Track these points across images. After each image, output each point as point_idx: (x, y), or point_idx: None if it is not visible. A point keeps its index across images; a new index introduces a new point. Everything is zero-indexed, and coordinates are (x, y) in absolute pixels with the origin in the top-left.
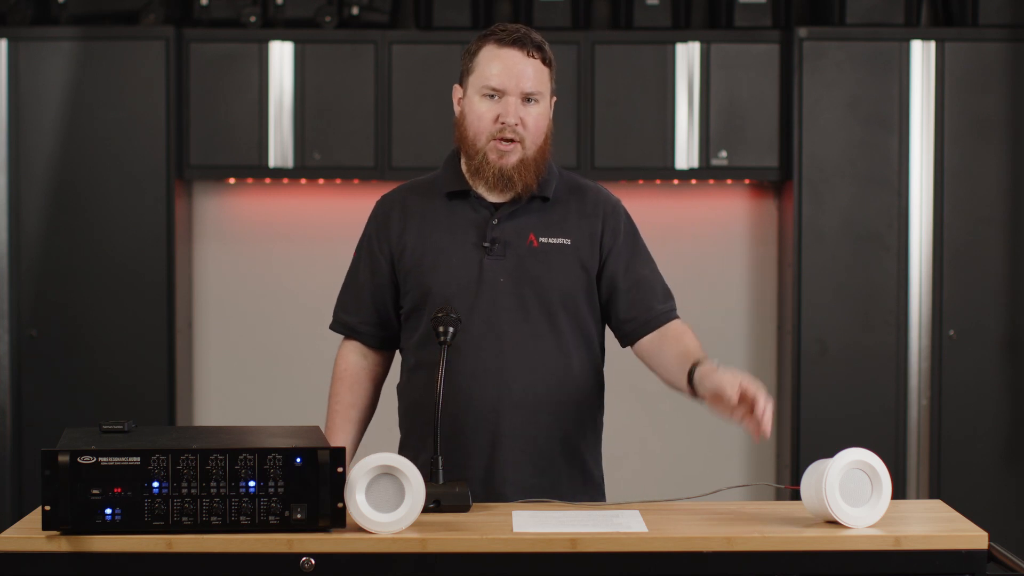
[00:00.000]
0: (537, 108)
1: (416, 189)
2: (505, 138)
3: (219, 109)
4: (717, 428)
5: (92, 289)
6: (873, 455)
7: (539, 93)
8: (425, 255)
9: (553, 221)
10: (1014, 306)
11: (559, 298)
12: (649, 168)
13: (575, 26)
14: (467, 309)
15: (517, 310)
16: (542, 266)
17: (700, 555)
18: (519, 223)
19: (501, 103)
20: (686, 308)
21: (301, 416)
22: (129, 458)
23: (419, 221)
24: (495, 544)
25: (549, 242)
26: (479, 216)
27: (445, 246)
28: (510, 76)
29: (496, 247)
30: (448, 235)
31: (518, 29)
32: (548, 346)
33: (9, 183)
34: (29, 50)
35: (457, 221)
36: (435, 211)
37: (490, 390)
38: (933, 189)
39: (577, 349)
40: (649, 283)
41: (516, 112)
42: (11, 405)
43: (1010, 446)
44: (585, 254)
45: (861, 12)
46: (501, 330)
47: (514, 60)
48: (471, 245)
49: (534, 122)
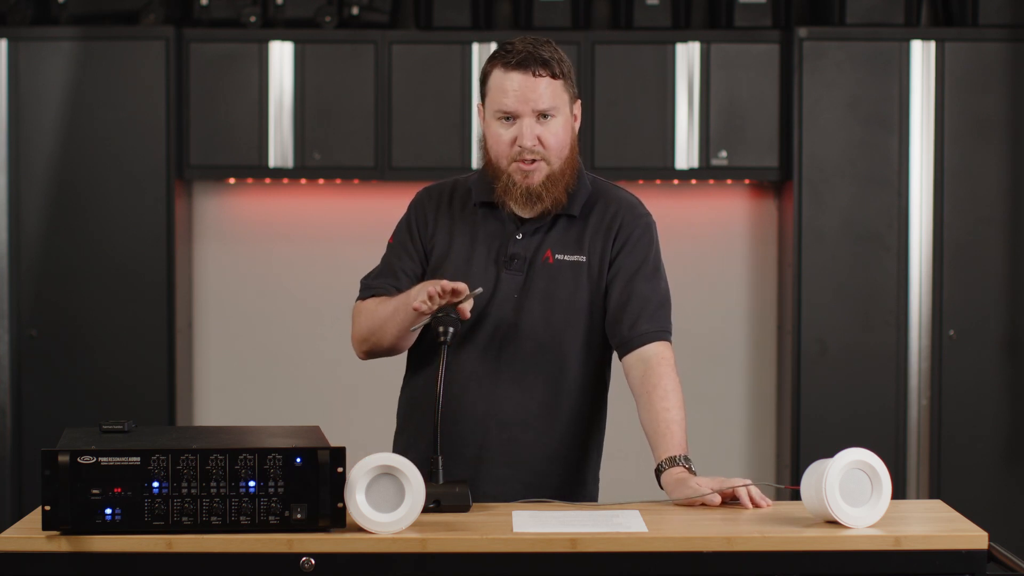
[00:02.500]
0: (555, 123)
1: (457, 190)
2: (526, 160)
3: (219, 109)
4: (717, 428)
5: (92, 289)
6: (873, 455)
7: (553, 108)
8: (447, 260)
9: (572, 238)
10: (1014, 306)
11: (567, 316)
12: (649, 168)
13: (575, 26)
14: (477, 324)
15: (523, 325)
16: (554, 283)
17: (700, 555)
18: (540, 239)
19: (516, 126)
20: (686, 308)
21: (301, 416)
22: (129, 458)
23: (448, 224)
24: (495, 544)
25: (564, 259)
26: (505, 229)
27: (467, 255)
28: (520, 99)
29: (515, 262)
30: (471, 245)
31: (523, 49)
32: (548, 364)
33: (9, 183)
34: (29, 50)
35: (483, 232)
36: (465, 218)
37: (481, 403)
38: (933, 189)
39: (579, 368)
40: (642, 299)
41: (532, 133)
42: (11, 405)
43: (1010, 446)
44: (596, 271)
45: (861, 12)
46: (503, 344)
47: (522, 82)
48: (491, 258)
49: (553, 138)
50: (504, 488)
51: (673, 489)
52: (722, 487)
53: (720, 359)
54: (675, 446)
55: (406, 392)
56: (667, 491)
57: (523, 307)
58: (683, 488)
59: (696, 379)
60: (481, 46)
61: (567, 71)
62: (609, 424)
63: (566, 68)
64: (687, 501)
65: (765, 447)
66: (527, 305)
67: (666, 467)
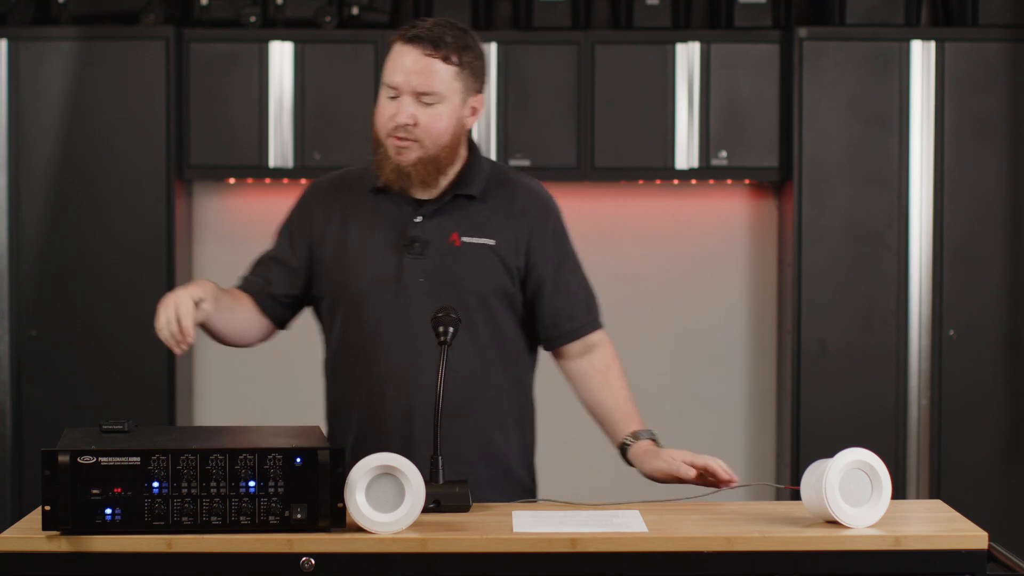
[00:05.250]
0: (439, 108)
1: (347, 180)
2: (399, 136)
3: (219, 109)
4: (717, 428)
5: (92, 289)
6: (873, 455)
7: (435, 95)
8: (345, 250)
9: (478, 221)
10: (1014, 306)
11: (479, 300)
12: (649, 168)
13: (575, 26)
14: (384, 309)
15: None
16: (463, 266)
17: (700, 555)
18: (442, 221)
19: (397, 101)
20: (686, 308)
21: (301, 416)
22: (129, 458)
23: (341, 215)
24: (495, 544)
25: (472, 242)
26: (402, 213)
27: (365, 242)
28: (404, 75)
29: (416, 246)
30: (369, 231)
31: (426, 27)
32: (465, 348)
33: (9, 183)
34: (29, 50)
35: (380, 218)
36: (360, 205)
37: (405, 393)
38: (933, 189)
39: (496, 352)
40: (574, 290)
41: (408, 111)
42: (11, 405)
43: (1010, 446)
44: (509, 256)
45: (861, 12)
46: (417, 331)
47: (411, 58)
48: (391, 243)
49: (431, 121)
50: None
51: (644, 460)
52: (693, 461)
53: (720, 359)
54: (638, 421)
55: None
56: (637, 462)
57: (432, 291)
58: (655, 460)
59: (696, 379)
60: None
61: (469, 61)
62: None
63: (468, 57)
64: (661, 474)
65: (765, 447)
66: (435, 289)
67: (633, 441)
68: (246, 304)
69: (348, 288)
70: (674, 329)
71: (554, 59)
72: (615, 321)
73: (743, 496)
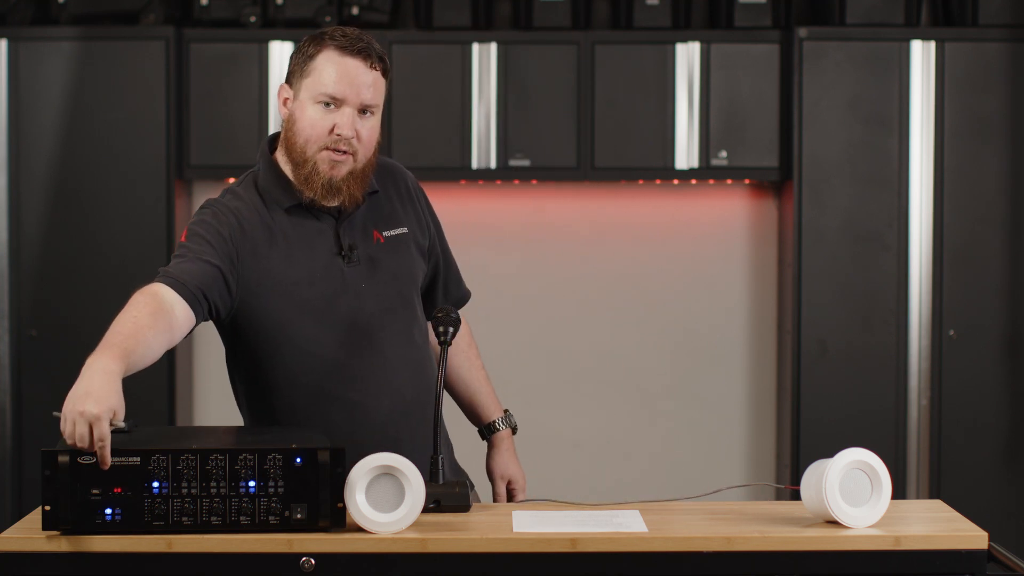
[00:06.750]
0: (373, 120)
1: (243, 211)
2: (339, 149)
3: (219, 109)
4: (717, 428)
5: (92, 289)
6: (873, 455)
7: (376, 106)
8: (291, 275)
9: (386, 213)
10: (1014, 306)
11: (413, 291)
12: (649, 168)
13: (575, 26)
14: (341, 322)
15: (384, 313)
16: (392, 260)
17: (700, 555)
18: (361, 223)
19: (338, 113)
20: (686, 308)
21: None
22: (129, 458)
23: (267, 245)
24: (495, 544)
25: (391, 234)
26: (324, 224)
27: (306, 262)
28: (351, 86)
29: (354, 253)
30: (306, 250)
31: (360, 37)
32: (416, 345)
33: (9, 183)
34: (29, 50)
35: (306, 233)
36: (278, 230)
37: (384, 401)
38: (933, 189)
39: (421, 335)
40: (452, 258)
41: (352, 123)
42: (11, 405)
43: (1010, 446)
44: (419, 238)
45: (861, 12)
46: (378, 337)
47: (357, 70)
48: (329, 256)
49: (368, 134)
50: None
51: (500, 453)
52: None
53: (720, 359)
54: (498, 405)
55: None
56: (494, 448)
57: (375, 292)
58: (498, 457)
59: (696, 379)
60: (481, 46)
61: (390, 74)
62: (611, 424)
63: (390, 70)
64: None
65: (765, 447)
66: (377, 290)
67: (501, 426)
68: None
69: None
70: (674, 329)
71: (554, 59)
72: (616, 321)
73: (743, 496)
